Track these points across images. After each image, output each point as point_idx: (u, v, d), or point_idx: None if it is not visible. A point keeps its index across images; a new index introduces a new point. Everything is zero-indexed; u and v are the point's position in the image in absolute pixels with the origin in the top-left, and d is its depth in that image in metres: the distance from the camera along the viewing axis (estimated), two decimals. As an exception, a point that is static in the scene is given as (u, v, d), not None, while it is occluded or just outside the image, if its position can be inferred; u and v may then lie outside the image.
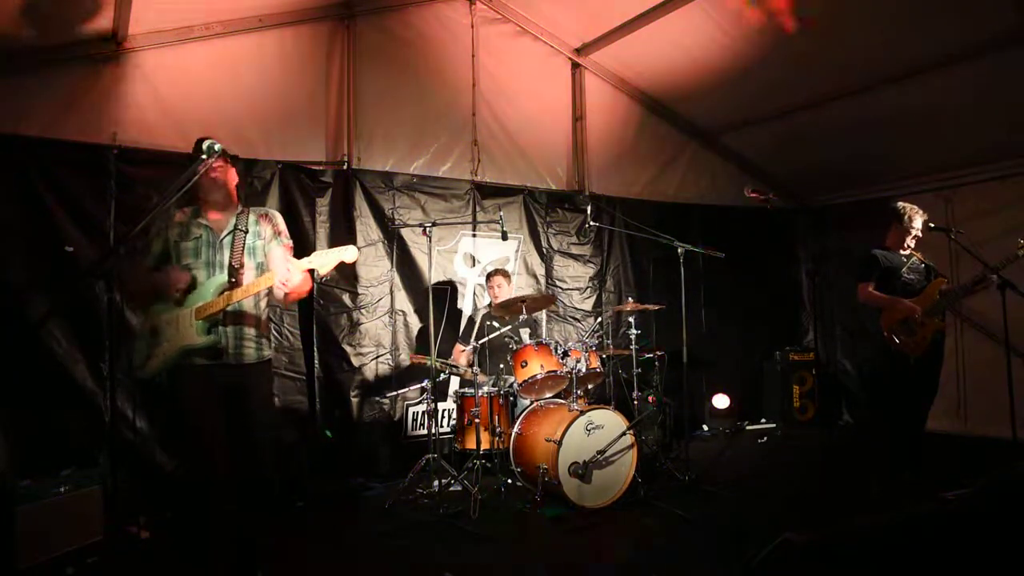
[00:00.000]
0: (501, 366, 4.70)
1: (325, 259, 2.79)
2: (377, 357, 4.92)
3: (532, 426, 4.25)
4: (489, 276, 5.05)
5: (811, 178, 6.95)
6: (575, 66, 6.11)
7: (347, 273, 4.84)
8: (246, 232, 2.84)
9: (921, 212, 4.23)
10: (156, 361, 2.69)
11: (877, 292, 4.17)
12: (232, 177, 2.88)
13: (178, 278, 2.72)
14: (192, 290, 2.73)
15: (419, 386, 4.84)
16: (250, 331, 2.80)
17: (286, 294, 2.76)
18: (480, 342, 4.39)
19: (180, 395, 2.72)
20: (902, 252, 4.24)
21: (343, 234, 4.85)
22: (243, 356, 2.77)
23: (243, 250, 2.81)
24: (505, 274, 5.05)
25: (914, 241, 4.22)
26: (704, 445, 5.91)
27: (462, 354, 4.92)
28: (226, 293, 2.72)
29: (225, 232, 2.82)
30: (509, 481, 4.27)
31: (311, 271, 2.79)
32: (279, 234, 2.94)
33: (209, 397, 2.70)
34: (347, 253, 2.81)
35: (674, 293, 4.72)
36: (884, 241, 4.32)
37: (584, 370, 4.31)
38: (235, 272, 2.75)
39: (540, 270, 5.78)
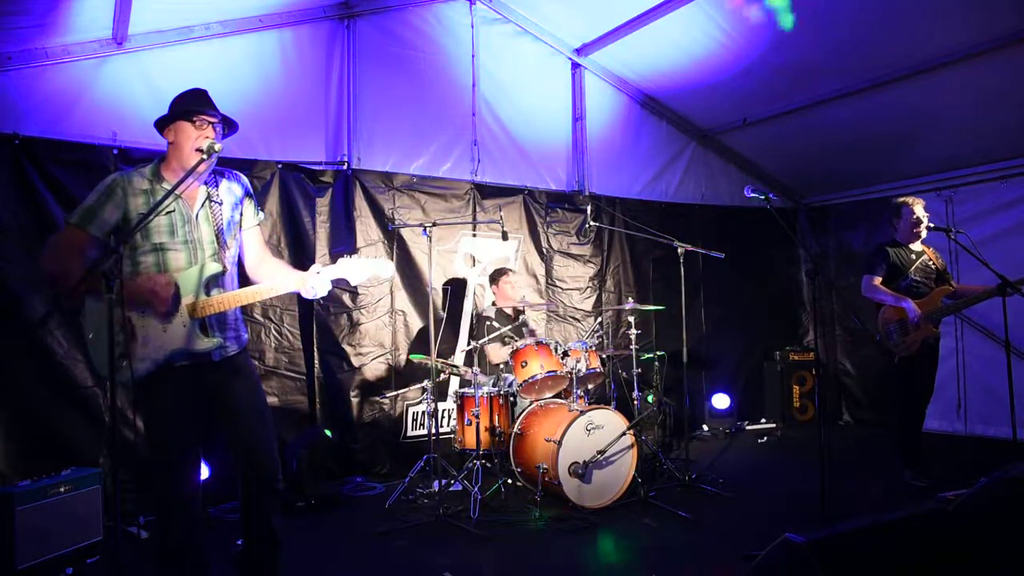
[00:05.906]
0: (501, 366, 4.70)
1: (357, 270, 2.51)
2: (377, 357, 4.93)
3: (532, 426, 4.25)
4: (499, 276, 4.99)
5: (811, 178, 6.95)
6: (575, 66, 6.11)
7: (347, 273, 4.84)
8: (221, 204, 2.46)
9: (919, 199, 4.26)
10: (137, 364, 2.22)
11: (884, 287, 4.18)
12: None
13: (162, 292, 2.24)
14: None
15: (419, 386, 4.84)
16: (231, 318, 2.47)
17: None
18: (480, 342, 4.39)
19: (152, 402, 2.32)
20: (913, 247, 4.25)
21: (343, 234, 4.86)
22: (227, 349, 2.42)
23: (225, 227, 2.45)
24: (515, 271, 5.03)
25: (925, 231, 4.22)
26: (704, 445, 5.91)
27: (463, 353, 4.92)
28: (231, 294, 2.40)
29: (198, 204, 2.41)
30: (509, 481, 4.27)
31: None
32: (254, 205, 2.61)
33: (187, 406, 2.34)
34: (384, 268, 2.59)
35: (674, 293, 4.73)
36: (895, 237, 4.33)
37: (584, 370, 4.31)
38: (220, 256, 2.41)
39: (540, 270, 5.78)
